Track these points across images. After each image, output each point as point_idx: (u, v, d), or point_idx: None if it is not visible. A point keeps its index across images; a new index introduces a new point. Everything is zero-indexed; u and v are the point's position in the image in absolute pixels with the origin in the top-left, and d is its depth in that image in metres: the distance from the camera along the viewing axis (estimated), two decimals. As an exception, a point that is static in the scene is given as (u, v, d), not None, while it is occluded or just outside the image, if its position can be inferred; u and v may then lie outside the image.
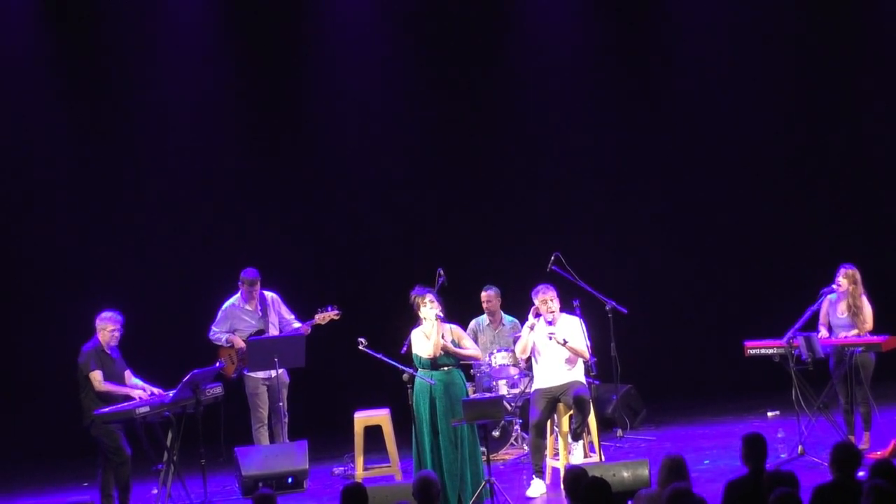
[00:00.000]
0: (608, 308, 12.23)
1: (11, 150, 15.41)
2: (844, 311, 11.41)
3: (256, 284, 12.59)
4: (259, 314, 12.62)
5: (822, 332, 11.41)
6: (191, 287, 14.73)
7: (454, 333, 10.79)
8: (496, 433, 12.56)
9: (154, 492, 11.81)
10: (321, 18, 15.69)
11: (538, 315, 11.14)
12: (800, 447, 11.14)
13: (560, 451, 11.27)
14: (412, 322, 10.80)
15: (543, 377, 11.20)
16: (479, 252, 15.12)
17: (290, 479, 11.92)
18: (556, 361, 11.15)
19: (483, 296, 13.08)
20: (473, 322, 13.06)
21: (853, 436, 11.26)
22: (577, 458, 11.45)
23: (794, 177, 15.33)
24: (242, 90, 15.60)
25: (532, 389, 11.47)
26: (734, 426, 12.85)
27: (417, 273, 11.54)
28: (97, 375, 11.21)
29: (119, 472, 11.23)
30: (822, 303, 11.44)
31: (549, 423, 11.29)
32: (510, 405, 12.46)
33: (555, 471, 11.22)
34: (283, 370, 12.37)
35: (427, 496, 7.84)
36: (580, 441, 11.47)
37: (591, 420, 11.23)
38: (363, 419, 12.04)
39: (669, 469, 7.57)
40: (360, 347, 10.57)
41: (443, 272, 11.65)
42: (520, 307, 12.00)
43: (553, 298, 11.14)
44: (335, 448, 13.34)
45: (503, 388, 12.54)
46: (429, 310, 10.65)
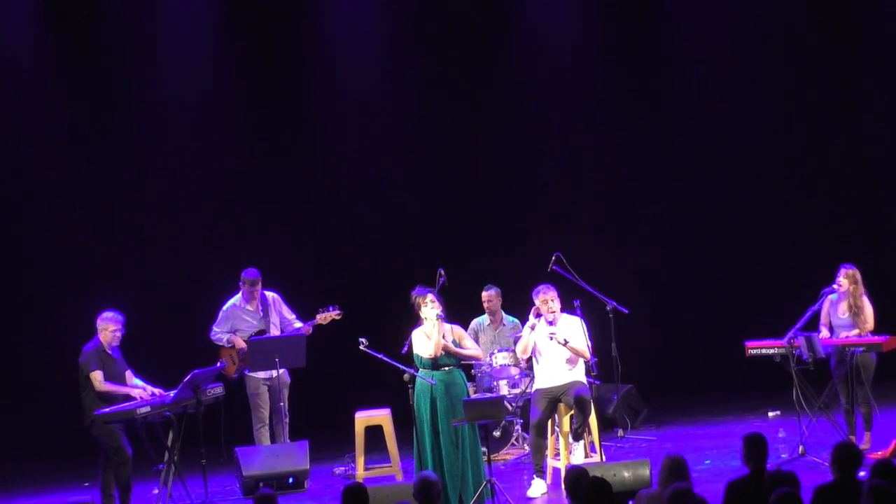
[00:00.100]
0: (609, 308, 12.22)
1: (11, 150, 15.40)
2: (845, 312, 11.40)
3: (257, 284, 12.59)
4: (260, 314, 12.63)
5: (823, 332, 11.41)
6: (191, 287, 14.72)
7: (455, 333, 10.78)
8: (497, 433, 12.56)
9: (155, 492, 11.80)
10: (321, 18, 15.68)
11: (539, 315, 11.14)
12: (801, 447, 11.13)
13: (561, 451, 11.26)
14: (413, 322, 10.80)
15: (544, 377, 11.19)
16: (480, 252, 15.11)
17: (291, 480, 11.94)
18: (557, 361, 11.14)
19: (484, 296, 13.08)
20: (474, 322, 13.05)
21: (854, 436, 11.26)
22: (578, 458, 11.45)
23: (794, 177, 15.32)
24: (242, 90, 15.59)
25: (533, 389, 11.47)
26: (735, 426, 12.83)
27: (418, 273, 11.54)
28: (98, 375, 11.21)
29: (120, 473, 11.22)
30: (823, 303, 11.44)
31: (550, 423, 11.28)
32: (511, 405, 12.45)
33: (556, 471, 11.22)
34: (284, 370, 12.37)
35: (427, 496, 7.82)
36: (581, 441, 11.48)
37: (592, 420, 11.22)
38: (364, 419, 12.04)
39: (670, 469, 7.56)
40: (361, 347, 10.56)
41: (443, 272, 11.65)
42: (520, 307, 11.99)
43: (554, 298, 11.13)
44: (336, 448, 13.33)
45: (504, 388, 12.53)
46: (429, 310, 10.64)
